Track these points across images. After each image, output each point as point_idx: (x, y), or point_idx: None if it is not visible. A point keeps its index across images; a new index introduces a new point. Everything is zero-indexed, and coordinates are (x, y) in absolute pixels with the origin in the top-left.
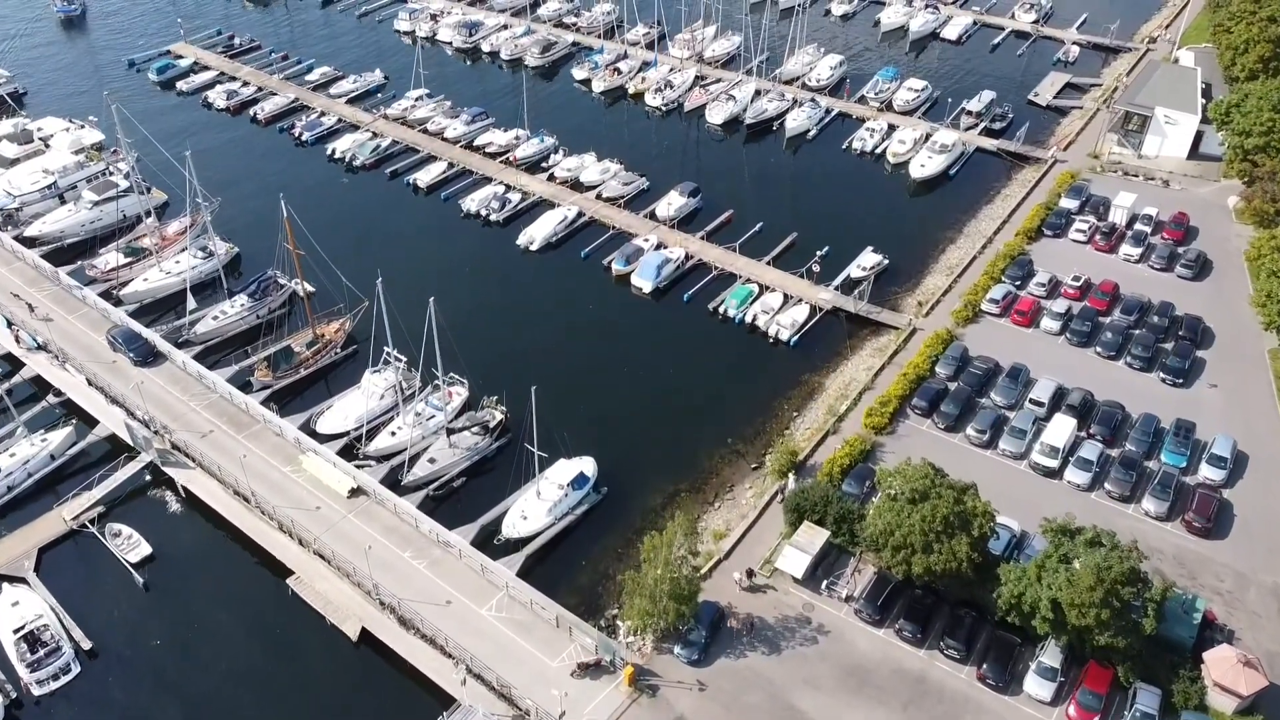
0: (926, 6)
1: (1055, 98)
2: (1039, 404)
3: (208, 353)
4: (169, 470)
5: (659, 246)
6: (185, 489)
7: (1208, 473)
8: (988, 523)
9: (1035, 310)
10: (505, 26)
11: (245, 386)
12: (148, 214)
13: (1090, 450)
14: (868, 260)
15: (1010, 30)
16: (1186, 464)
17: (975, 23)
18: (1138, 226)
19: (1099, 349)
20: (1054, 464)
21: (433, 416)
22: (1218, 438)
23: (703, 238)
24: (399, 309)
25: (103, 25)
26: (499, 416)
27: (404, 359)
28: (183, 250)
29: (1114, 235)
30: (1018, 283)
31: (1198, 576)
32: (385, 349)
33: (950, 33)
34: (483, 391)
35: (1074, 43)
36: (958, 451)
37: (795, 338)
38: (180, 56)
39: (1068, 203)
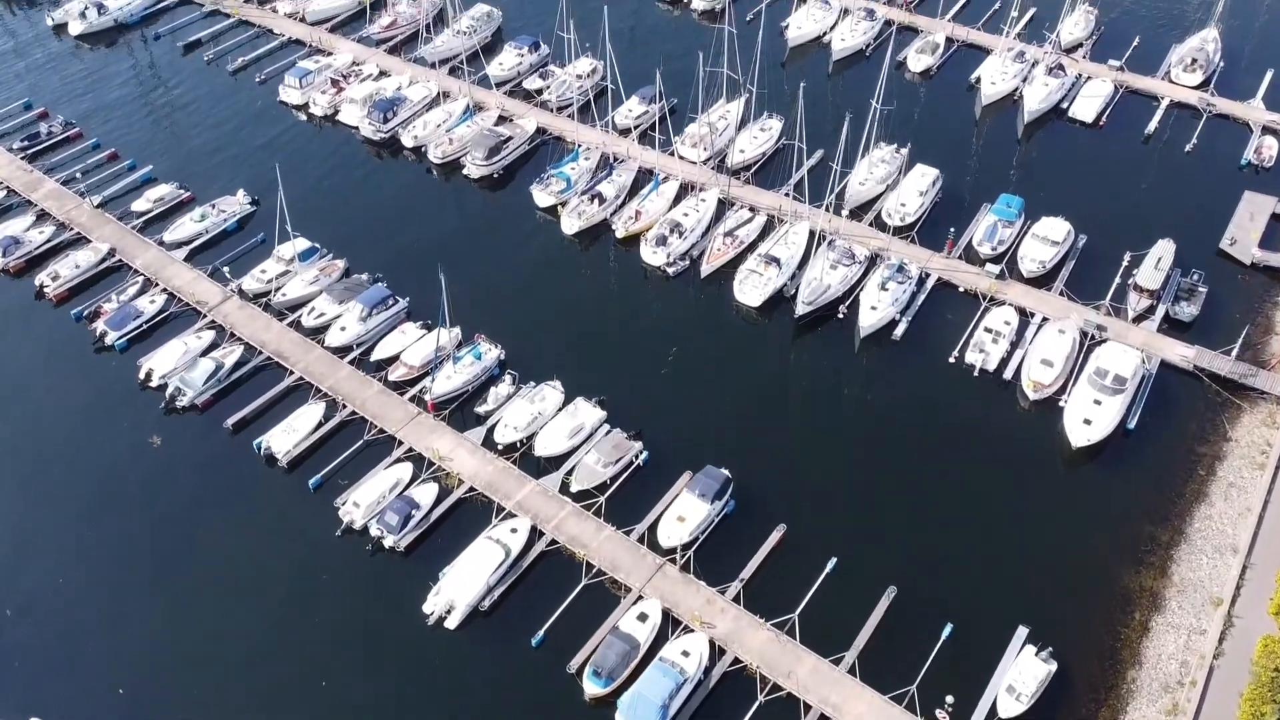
0: (1050, 71)
1: (1262, 248)
2: None
3: None
4: None
5: (665, 630)
6: None
7: None
8: None
9: None
10: (443, 95)
11: None
12: None
13: None
14: (1028, 675)
15: (1168, 101)
16: None
17: (1117, 90)
18: None
19: None
20: None
21: None
22: None
23: (737, 598)
24: None
25: None
26: None
27: None
28: None
29: None
30: None
31: None
32: None
33: (1084, 111)
34: None
35: (1265, 128)
36: None
37: None
38: None
39: None
